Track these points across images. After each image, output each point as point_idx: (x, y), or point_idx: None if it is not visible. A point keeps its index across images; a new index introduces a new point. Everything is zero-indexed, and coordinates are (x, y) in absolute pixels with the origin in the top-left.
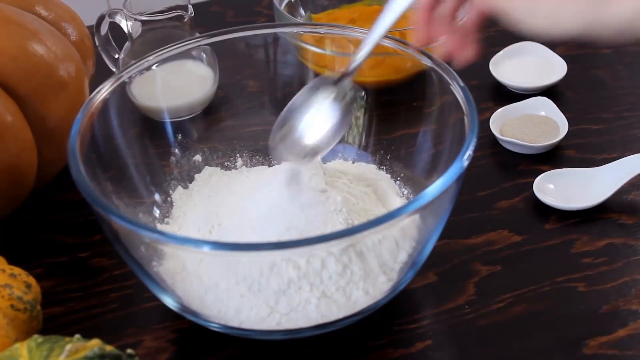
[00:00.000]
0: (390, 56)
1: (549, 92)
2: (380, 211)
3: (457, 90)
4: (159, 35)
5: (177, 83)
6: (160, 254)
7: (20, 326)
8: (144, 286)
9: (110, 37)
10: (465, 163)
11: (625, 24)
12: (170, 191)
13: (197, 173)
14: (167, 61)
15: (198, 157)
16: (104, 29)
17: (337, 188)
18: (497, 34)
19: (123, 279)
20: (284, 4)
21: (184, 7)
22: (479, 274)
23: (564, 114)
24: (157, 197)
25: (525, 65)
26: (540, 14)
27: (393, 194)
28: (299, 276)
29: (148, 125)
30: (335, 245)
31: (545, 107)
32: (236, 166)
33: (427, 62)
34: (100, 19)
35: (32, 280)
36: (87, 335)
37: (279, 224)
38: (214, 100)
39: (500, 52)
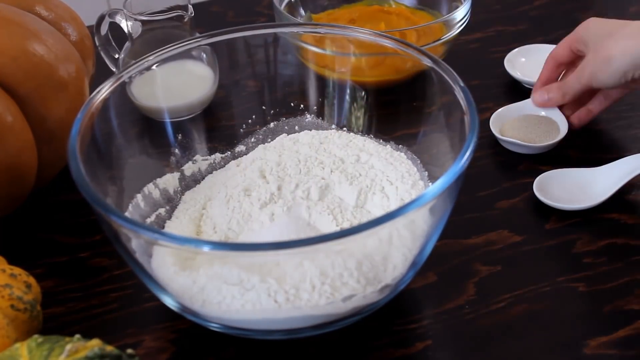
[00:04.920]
0: (390, 56)
1: None
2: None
3: (457, 90)
4: (159, 35)
5: (177, 83)
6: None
7: (20, 326)
8: (144, 286)
9: (110, 37)
10: (465, 163)
11: None
12: (171, 191)
13: (198, 173)
14: (167, 61)
15: (198, 157)
16: (104, 29)
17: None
18: (496, 34)
19: (123, 279)
20: (284, 4)
21: (184, 7)
22: (479, 274)
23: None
24: (157, 197)
25: (537, 64)
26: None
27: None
28: (300, 276)
29: (148, 125)
30: (335, 245)
31: (546, 107)
32: (236, 166)
33: (427, 62)
34: (100, 19)
35: (32, 280)
36: (87, 335)
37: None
38: (214, 100)
39: (515, 50)
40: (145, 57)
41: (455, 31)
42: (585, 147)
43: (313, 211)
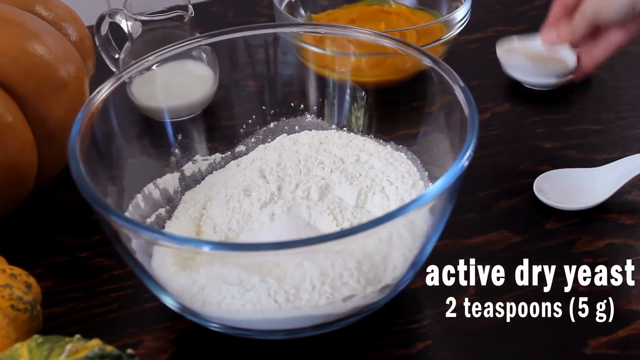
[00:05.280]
0: (390, 56)
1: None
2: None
3: (458, 90)
4: (159, 35)
5: (177, 83)
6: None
7: (20, 326)
8: (144, 286)
9: (110, 37)
10: (465, 163)
11: None
12: (171, 191)
13: (198, 173)
14: (167, 61)
15: (198, 157)
16: (104, 29)
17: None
18: (496, 34)
19: (123, 279)
20: (284, 4)
21: (184, 7)
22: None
23: (564, 115)
24: (157, 197)
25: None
26: None
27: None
28: (300, 276)
29: (148, 125)
30: (335, 245)
31: (555, 45)
32: (236, 166)
33: (427, 62)
34: (100, 19)
35: (32, 280)
36: (87, 335)
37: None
38: (214, 100)
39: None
40: (145, 57)
41: (455, 31)
42: (585, 147)
43: (313, 211)
